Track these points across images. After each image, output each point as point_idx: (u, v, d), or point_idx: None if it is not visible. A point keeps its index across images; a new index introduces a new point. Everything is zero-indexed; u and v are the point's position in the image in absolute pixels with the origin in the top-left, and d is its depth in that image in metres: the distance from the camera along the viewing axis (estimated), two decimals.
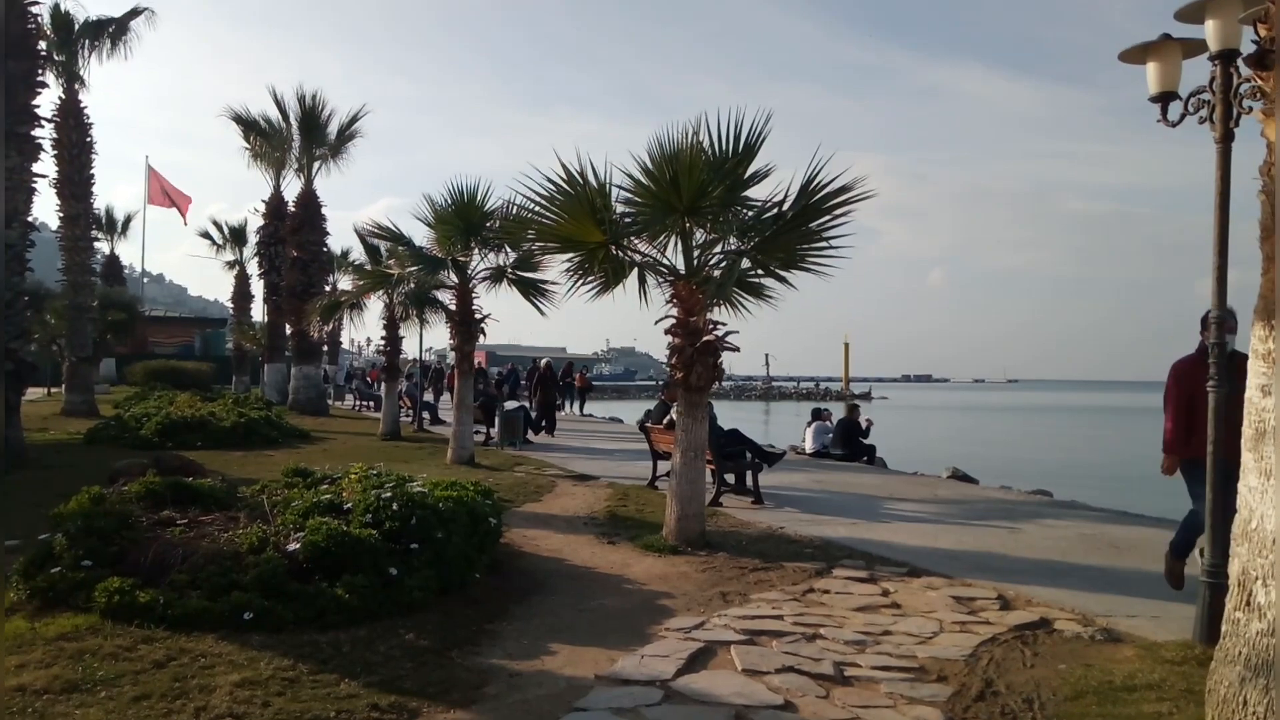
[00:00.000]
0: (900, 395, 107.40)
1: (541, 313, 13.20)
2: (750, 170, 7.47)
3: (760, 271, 7.58)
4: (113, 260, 48.58)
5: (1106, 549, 7.79)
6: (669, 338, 7.82)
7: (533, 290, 13.15)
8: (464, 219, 12.96)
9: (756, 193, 7.67)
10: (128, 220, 49.14)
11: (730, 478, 10.36)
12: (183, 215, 48.04)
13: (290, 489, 7.03)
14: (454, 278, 13.55)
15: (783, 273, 7.51)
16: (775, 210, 7.32)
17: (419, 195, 13.87)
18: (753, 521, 8.80)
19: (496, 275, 13.30)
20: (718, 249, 7.81)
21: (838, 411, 17.84)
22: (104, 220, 48.14)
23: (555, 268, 15.77)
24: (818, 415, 16.70)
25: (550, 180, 7.48)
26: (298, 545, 5.11)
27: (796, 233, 7.18)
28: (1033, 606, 5.78)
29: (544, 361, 23.99)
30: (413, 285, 15.57)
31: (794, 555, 7.28)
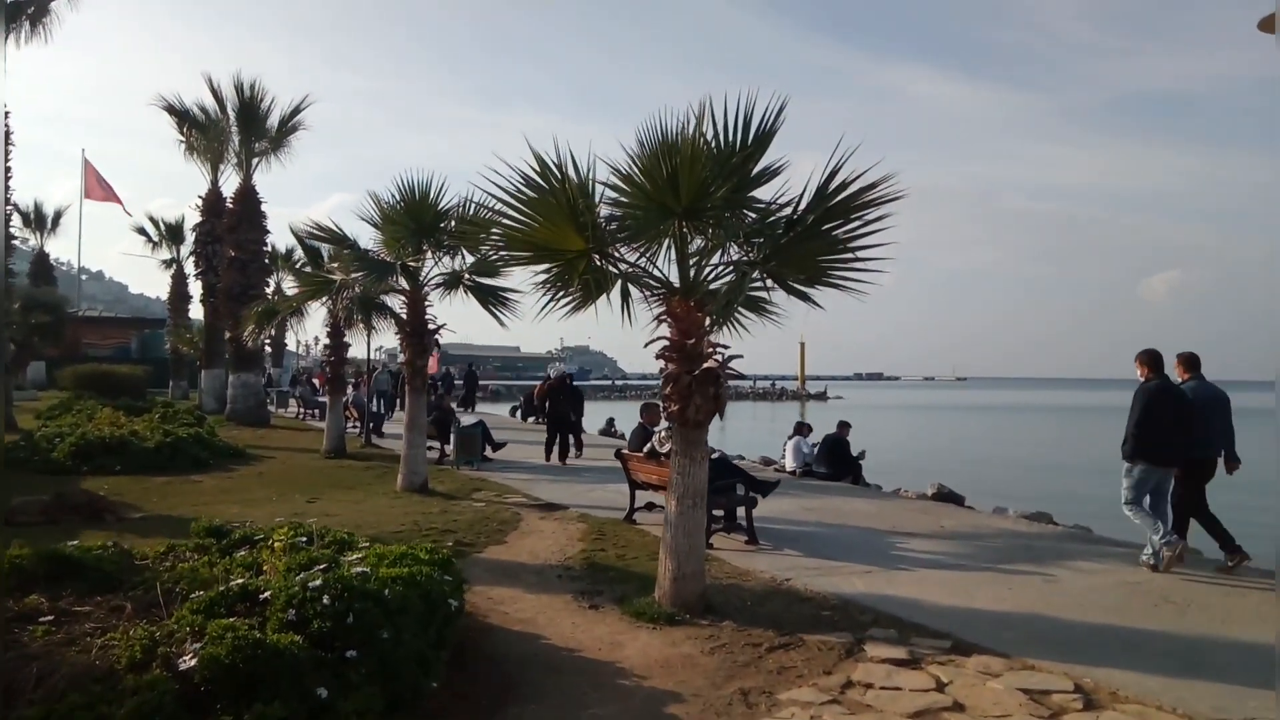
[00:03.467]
0: (854, 394, 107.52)
1: (502, 324, 11.94)
2: (759, 166, 6.31)
3: (772, 286, 6.38)
4: (42, 258, 46.20)
5: (1163, 605, 6.77)
6: (660, 362, 6.65)
7: (493, 299, 11.86)
8: (415, 219, 11.64)
9: (762, 193, 6.55)
10: (58, 215, 46.76)
11: (717, 511, 9.19)
12: (123, 207, 45.77)
13: (201, 554, 5.71)
14: (404, 283, 12.20)
15: (804, 289, 6.31)
16: (790, 213, 6.14)
17: (371, 191, 12.51)
18: (752, 570, 7.65)
19: (452, 281, 11.99)
20: (716, 258, 6.62)
21: (789, 410, 17.00)
22: (33, 216, 45.76)
23: (520, 275, 14.52)
24: (799, 430, 15.62)
25: (521, 176, 6.24)
26: (194, 660, 3.82)
27: (820, 241, 6.00)
28: (1123, 704, 4.70)
29: (554, 369, 20.30)
30: (358, 290, 14.20)
31: (812, 622, 6.14)
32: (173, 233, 41.39)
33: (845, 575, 7.51)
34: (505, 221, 6.56)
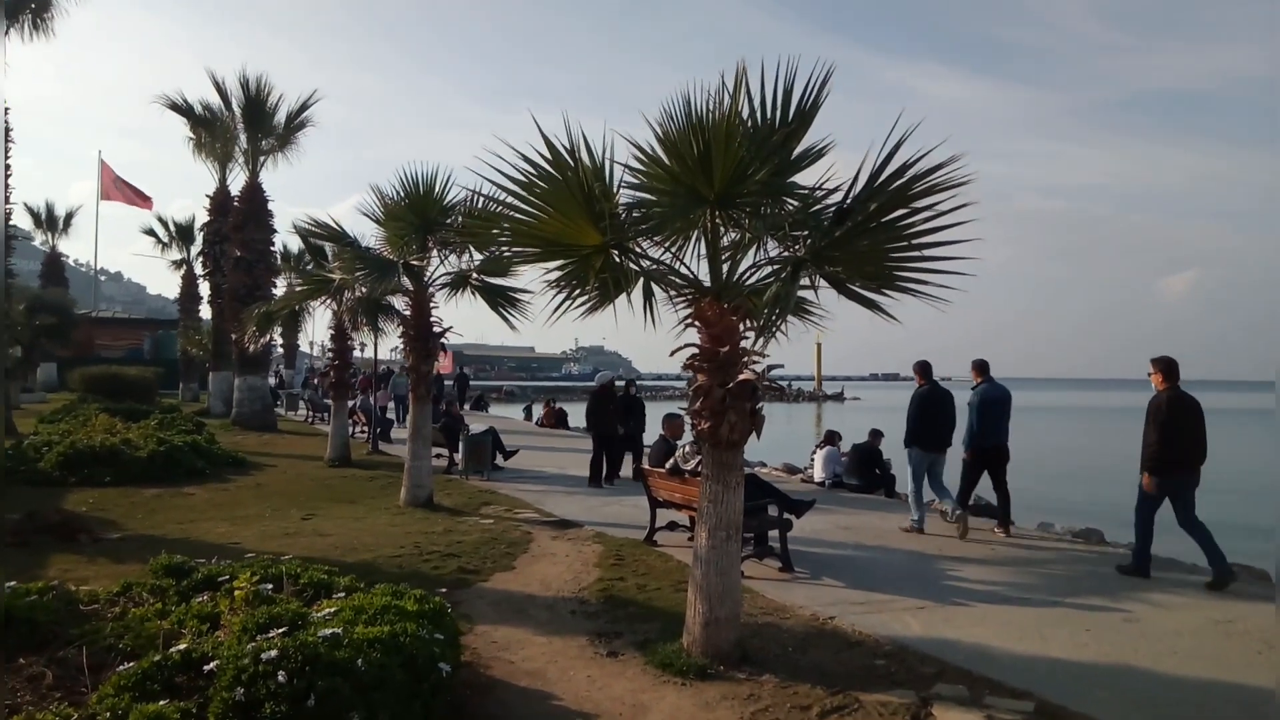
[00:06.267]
0: (871, 395, 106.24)
1: (512, 327, 11.13)
2: (800, 146, 5.46)
3: (823, 286, 5.48)
4: (54, 259, 45.89)
5: (1267, 652, 5.88)
6: (689, 373, 5.82)
7: (502, 300, 11.05)
8: (420, 215, 10.85)
9: (803, 179, 5.68)
10: (69, 216, 46.41)
11: (747, 534, 8.33)
12: (145, 207, 45.27)
13: (157, 597, 4.92)
14: (408, 283, 11.41)
15: (869, 294, 5.41)
16: (841, 200, 5.27)
17: (374, 185, 11.71)
18: (790, 605, 6.80)
19: (458, 281, 11.19)
20: (751, 254, 5.77)
21: (805, 411, 15.96)
22: (43, 216, 45.45)
23: (532, 274, 13.69)
24: (830, 439, 14.71)
25: (528, 162, 5.40)
26: None
27: (882, 234, 5.11)
28: None
29: (603, 377, 16.41)
30: (362, 291, 13.46)
31: (866, 674, 5.29)
32: (183, 233, 40.94)
33: (896, 612, 6.65)
34: (511, 213, 5.73)
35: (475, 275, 11.06)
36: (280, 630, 3.74)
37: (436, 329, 11.45)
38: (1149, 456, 7.94)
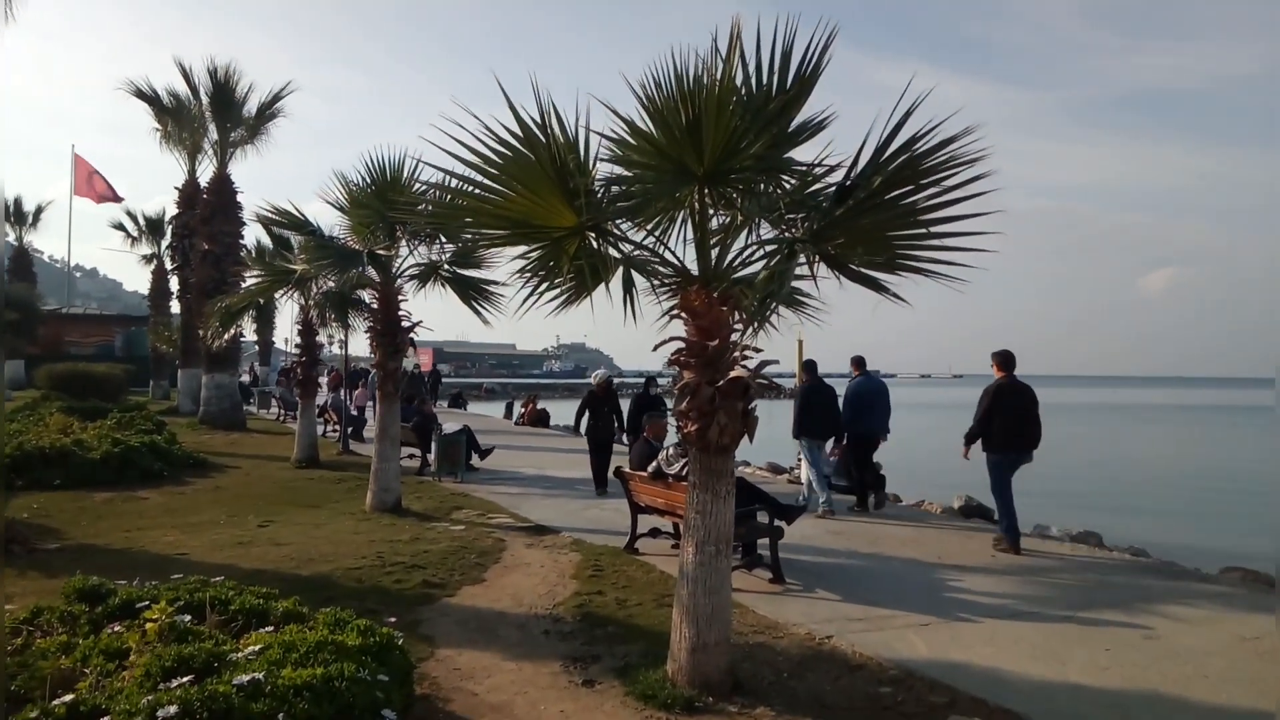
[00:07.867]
0: None
1: (485, 321, 10.53)
2: (799, 117, 4.90)
3: (826, 275, 4.92)
4: (21, 253, 44.73)
5: None
6: (674, 369, 5.25)
7: (474, 293, 10.44)
8: (386, 202, 10.21)
9: (801, 154, 5.12)
10: (39, 211, 45.29)
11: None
12: (115, 201, 44.09)
13: (67, 625, 4.30)
14: (375, 275, 10.77)
15: (876, 275, 4.86)
16: (844, 178, 4.71)
17: (337, 171, 11.10)
18: (783, 622, 6.24)
19: (427, 273, 10.57)
20: (743, 238, 5.21)
21: (784, 409, 15.25)
22: (11, 210, 44.33)
23: (503, 264, 13.05)
24: None
25: (494, 133, 4.79)
26: None
27: (890, 212, 4.55)
28: None
29: (600, 375, 14.10)
30: (331, 284, 12.82)
31: (870, 706, 4.74)
32: (153, 227, 39.93)
33: (899, 629, 6.12)
34: (474, 190, 5.13)
35: (446, 266, 10.44)
36: (188, 678, 3.14)
37: (405, 323, 10.82)
38: (977, 434, 8.90)
